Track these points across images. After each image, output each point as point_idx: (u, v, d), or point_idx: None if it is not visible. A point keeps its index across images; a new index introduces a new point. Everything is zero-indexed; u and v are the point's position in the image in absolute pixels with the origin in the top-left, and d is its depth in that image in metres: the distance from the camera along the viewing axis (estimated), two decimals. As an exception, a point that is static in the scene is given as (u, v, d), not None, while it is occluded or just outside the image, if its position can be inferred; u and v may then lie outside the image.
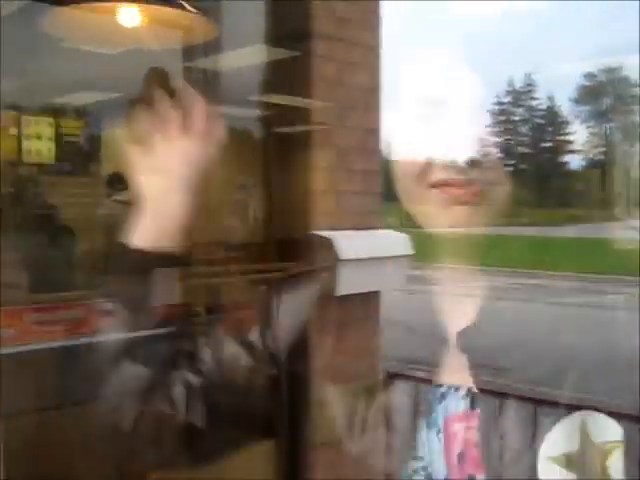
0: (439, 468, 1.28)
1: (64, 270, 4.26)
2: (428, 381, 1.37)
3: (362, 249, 2.46)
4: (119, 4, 3.77)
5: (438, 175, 1.23)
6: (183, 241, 1.25)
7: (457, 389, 1.28)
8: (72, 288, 4.04)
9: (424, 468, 1.30)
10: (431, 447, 1.27)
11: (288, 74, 4.16)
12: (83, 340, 3.52)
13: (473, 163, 1.23)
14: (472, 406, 1.27)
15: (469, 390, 1.28)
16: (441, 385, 1.29)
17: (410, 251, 3.58)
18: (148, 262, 1.34)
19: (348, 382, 1.41)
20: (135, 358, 1.28)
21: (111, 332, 1.29)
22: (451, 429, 1.28)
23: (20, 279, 3.66)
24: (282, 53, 4.14)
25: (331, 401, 1.41)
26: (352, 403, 1.41)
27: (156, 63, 4.41)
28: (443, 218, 1.25)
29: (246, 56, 4.40)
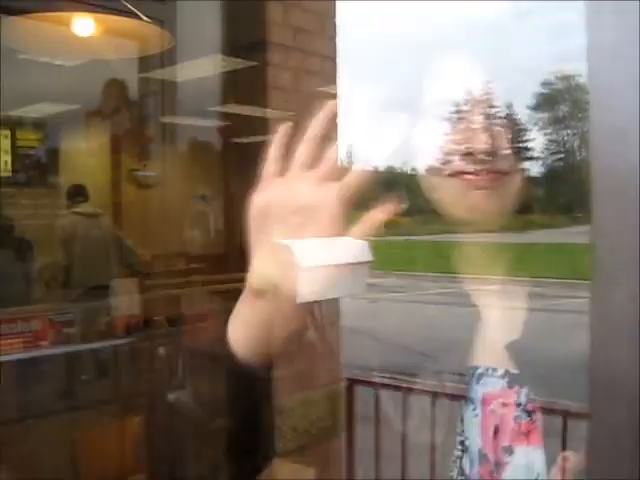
0: (474, 441, 1.38)
1: (22, 283, 4.23)
2: (390, 387, 1.43)
3: (322, 256, 2.46)
4: (75, 14, 3.76)
5: (457, 165, 1.35)
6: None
7: (494, 370, 1.38)
8: (30, 301, 4.01)
9: (462, 442, 1.40)
10: (468, 422, 1.38)
11: (245, 84, 4.17)
12: (43, 352, 3.51)
13: (488, 153, 1.34)
14: (509, 385, 1.35)
15: (506, 371, 1.38)
16: (478, 367, 1.40)
17: (370, 258, 3.58)
18: None
19: (309, 390, 1.42)
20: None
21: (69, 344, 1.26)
22: (489, 405, 1.38)
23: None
24: (238, 63, 4.14)
25: (292, 409, 1.44)
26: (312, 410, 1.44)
27: (113, 74, 4.40)
28: (463, 204, 1.36)
29: (203, 67, 4.40)
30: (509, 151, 1.37)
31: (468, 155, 1.33)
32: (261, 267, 1.01)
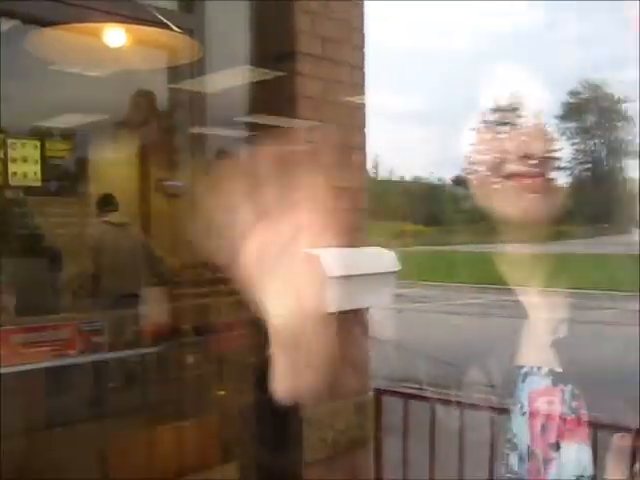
0: (523, 438, 1.44)
1: (51, 291, 4.26)
2: (418, 397, 1.46)
3: (350, 266, 2.48)
4: (105, 25, 3.78)
5: (512, 168, 1.40)
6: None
7: (539, 368, 1.43)
8: (59, 309, 4.03)
9: (509, 440, 1.46)
10: (516, 420, 1.43)
11: (273, 94, 4.18)
12: (69, 360, 3.53)
13: (542, 158, 1.39)
14: (554, 383, 1.42)
15: (550, 370, 1.44)
16: (523, 366, 1.44)
17: (397, 268, 3.59)
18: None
19: (338, 400, 1.42)
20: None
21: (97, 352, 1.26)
22: (535, 403, 1.44)
23: (7, 302, 3.65)
24: (267, 73, 4.15)
25: (321, 419, 1.45)
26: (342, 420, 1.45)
27: (142, 85, 4.42)
28: (516, 206, 1.41)
29: (231, 77, 4.41)
30: (555, 157, 1.41)
31: (524, 158, 1.37)
32: (280, 303, 1.01)
